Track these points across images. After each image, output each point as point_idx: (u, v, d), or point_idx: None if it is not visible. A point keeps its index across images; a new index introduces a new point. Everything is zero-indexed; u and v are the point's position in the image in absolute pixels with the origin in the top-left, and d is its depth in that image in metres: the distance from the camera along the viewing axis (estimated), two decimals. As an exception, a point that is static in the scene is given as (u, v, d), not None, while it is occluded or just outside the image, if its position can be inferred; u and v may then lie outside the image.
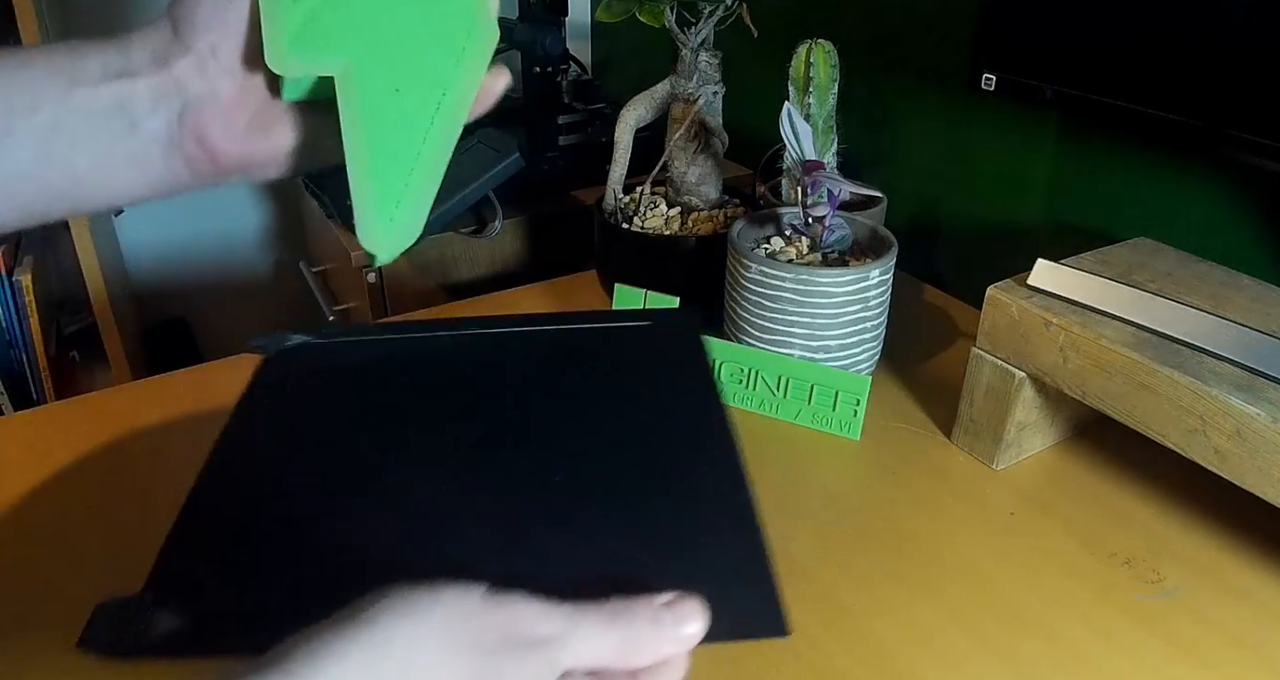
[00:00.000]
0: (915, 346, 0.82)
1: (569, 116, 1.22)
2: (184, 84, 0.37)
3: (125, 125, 0.36)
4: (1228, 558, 0.59)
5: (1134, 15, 0.64)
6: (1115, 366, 0.58)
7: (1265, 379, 0.53)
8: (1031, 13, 0.71)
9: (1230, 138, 0.60)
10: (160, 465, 0.67)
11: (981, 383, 0.66)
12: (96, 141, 0.36)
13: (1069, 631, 0.54)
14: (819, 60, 0.81)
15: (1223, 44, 0.60)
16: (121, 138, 0.37)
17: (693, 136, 0.86)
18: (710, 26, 0.81)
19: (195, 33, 0.36)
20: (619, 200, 0.90)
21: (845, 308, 0.70)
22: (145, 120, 0.37)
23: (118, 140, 0.37)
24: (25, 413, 0.74)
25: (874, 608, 0.55)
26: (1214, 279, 0.65)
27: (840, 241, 0.76)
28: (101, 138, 0.36)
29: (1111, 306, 0.60)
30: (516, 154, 1.01)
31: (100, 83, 0.36)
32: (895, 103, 1.01)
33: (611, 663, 0.34)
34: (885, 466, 0.68)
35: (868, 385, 0.69)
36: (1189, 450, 0.55)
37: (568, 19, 1.19)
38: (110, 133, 0.36)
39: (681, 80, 0.84)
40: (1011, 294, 0.63)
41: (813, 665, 0.52)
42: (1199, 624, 0.54)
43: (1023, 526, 0.62)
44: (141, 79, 0.36)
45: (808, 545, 0.60)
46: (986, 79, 0.74)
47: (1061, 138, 0.85)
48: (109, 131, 0.36)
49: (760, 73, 0.87)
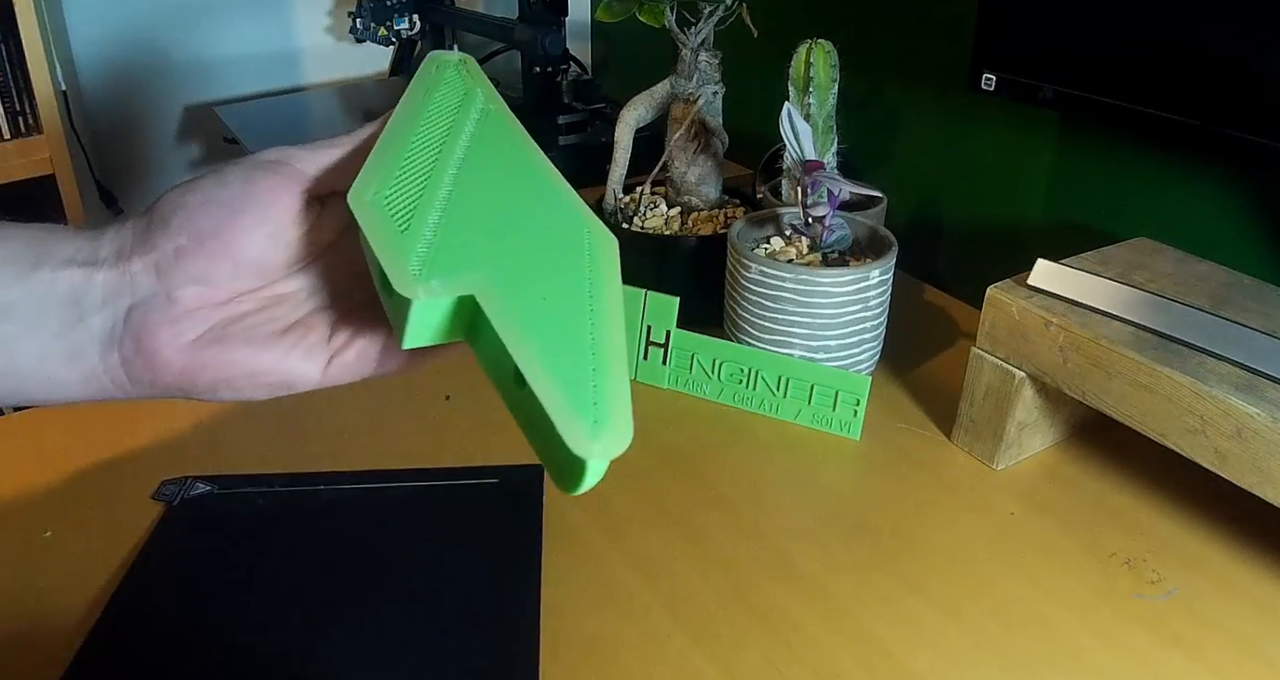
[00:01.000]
0: (915, 346, 0.82)
1: (569, 116, 1.22)
2: (137, 282, 0.35)
3: (74, 317, 0.34)
4: (1228, 558, 0.59)
5: (1134, 15, 0.64)
6: (1115, 366, 0.58)
7: (1265, 379, 0.53)
8: (1031, 13, 0.71)
9: (1230, 138, 0.60)
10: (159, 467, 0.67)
11: (981, 383, 0.66)
12: (43, 331, 0.34)
13: (1069, 631, 0.54)
14: (819, 60, 0.81)
15: (1223, 44, 0.60)
16: (68, 330, 0.34)
17: (693, 136, 0.86)
18: (710, 26, 0.81)
19: (165, 233, 0.35)
20: (619, 200, 0.90)
21: (845, 308, 0.70)
22: (92, 314, 0.34)
23: (64, 332, 0.34)
24: (25, 413, 0.74)
25: (874, 608, 0.55)
26: (1214, 279, 0.65)
27: (840, 241, 0.76)
28: (49, 328, 0.34)
29: (1111, 306, 0.60)
30: (516, 154, 1.01)
31: (61, 268, 0.34)
32: (895, 103, 1.01)
33: None
34: (885, 466, 0.68)
35: (868, 385, 0.69)
36: (1189, 450, 0.55)
37: (568, 19, 1.19)
38: (59, 323, 0.34)
39: (681, 80, 0.84)
40: (1011, 294, 0.63)
41: (813, 665, 0.52)
42: (1199, 624, 0.54)
43: (1023, 526, 0.62)
44: (101, 270, 0.34)
45: (808, 545, 0.60)
46: (986, 79, 0.74)
47: (1061, 138, 0.85)
48: (58, 321, 0.34)
49: (760, 73, 0.87)
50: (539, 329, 0.32)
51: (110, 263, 0.35)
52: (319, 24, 1.56)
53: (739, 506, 0.63)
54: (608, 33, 1.51)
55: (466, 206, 0.36)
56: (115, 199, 1.42)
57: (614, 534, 0.61)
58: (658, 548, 0.60)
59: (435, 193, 0.35)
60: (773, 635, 0.53)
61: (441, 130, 0.40)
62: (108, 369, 0.35)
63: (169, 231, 0.35)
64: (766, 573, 0.58)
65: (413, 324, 0.31)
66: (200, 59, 1.49)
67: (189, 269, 0.35)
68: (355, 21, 1.43)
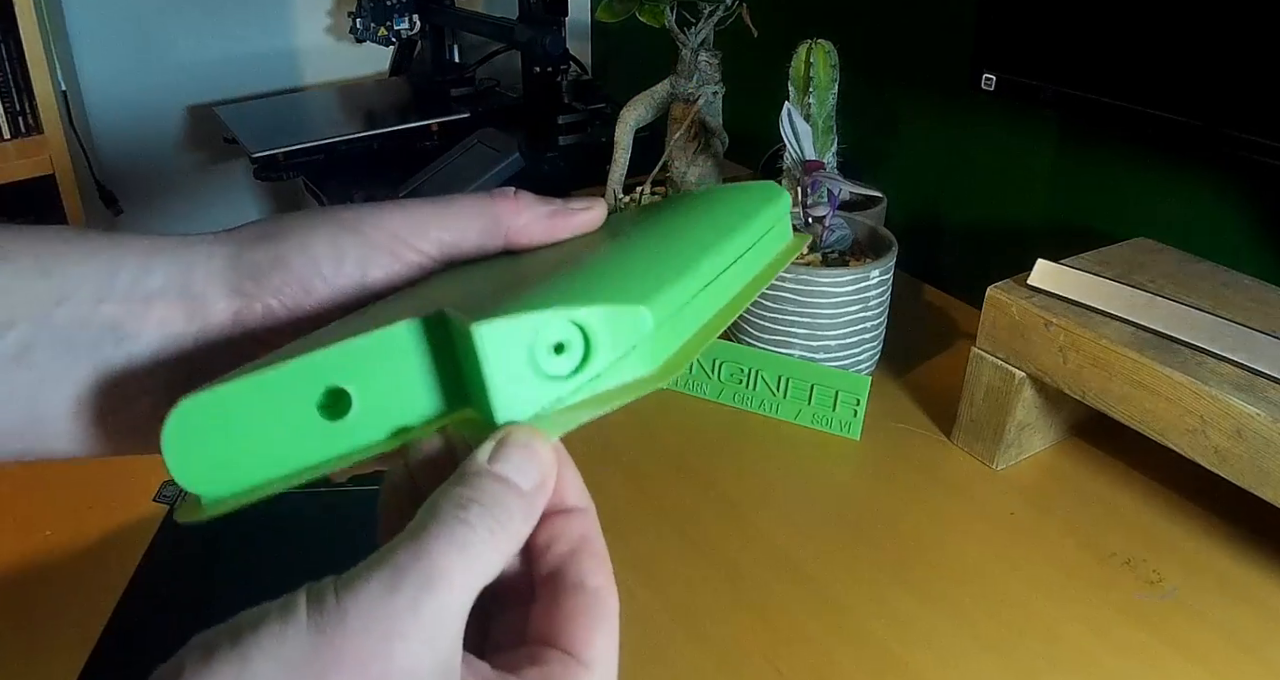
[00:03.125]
0: (915, 346, 0.82)
1: (569, 116, 1.22)
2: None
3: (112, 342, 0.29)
4: (1228, 558, 0.59)
5: (1134, 15, 0.64)
6: (1115, 366, 0.58)
7: (1265, 379, 0.53)
8: (1031, 13, 0.71)
9: (1230, 138, 0.60)
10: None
11: (981, 383, 0.66)
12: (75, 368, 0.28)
13: (1069, 631, 0.54)
14: (819, 60, 0.81)
15: (1223, 44, 0.60)
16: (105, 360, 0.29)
17: (693, 136, 0.86)
18: (710, 26, 0.81)
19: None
20: (619, 200, 0.90)
21: (845, 308, 0.70)
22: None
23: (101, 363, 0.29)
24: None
25: (874, 608, 0.55)
26: (1214, 279, 0.65)
27: (840, 241, 0.76)
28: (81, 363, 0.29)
29: (1111, 306, 0.60)
30: (516, 154, 1.02)
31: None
32: (895, 103, 1.01)
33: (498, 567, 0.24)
34: (885, 466, 0.68)
35: (868, 385, 0.69)
36: (1189, 450, 0.55)
37: (568, 19, 1.19)
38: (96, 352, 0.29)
39: (681, 80, 0.84)
40: (1011, 294, 0.63)
41: (813, 665, 0.52)
42: (1199, 624, 0.54)
43: (1023, 526, 0.62)
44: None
45: (807, 545, 0.60)
46: (986, 79, 0.74)
47: (1061, 138, 0.85)
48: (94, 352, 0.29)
49: (760, 73, 0.87)
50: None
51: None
52: (319, 24, 1.56)
53: (739, 506, 0.63)
54: (608, 33, 1.51)
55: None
56: (115, 199, 1.42)
57: (614, 534, 0.60)
58: (657, 547, 0.60)
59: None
60: (773, 635, 0.53)
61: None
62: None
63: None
64: (766, 573, 0.58)
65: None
66: (200, 59, 1.49)
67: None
68: (355, 21, 1.43)
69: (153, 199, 1.50)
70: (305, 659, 0.21)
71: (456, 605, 0.22)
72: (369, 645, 0.21)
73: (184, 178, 1.55)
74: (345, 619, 0.21)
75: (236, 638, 0.21)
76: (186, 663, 0.21)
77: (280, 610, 0.21)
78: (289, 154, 1.15)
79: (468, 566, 0.22)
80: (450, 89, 1.39)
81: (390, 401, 0.26)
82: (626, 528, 0.61)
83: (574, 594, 0.26)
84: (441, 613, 0.22)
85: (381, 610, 0.21)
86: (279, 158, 1.14)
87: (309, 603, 0.21)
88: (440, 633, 0.22)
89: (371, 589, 0.21)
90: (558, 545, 0.26)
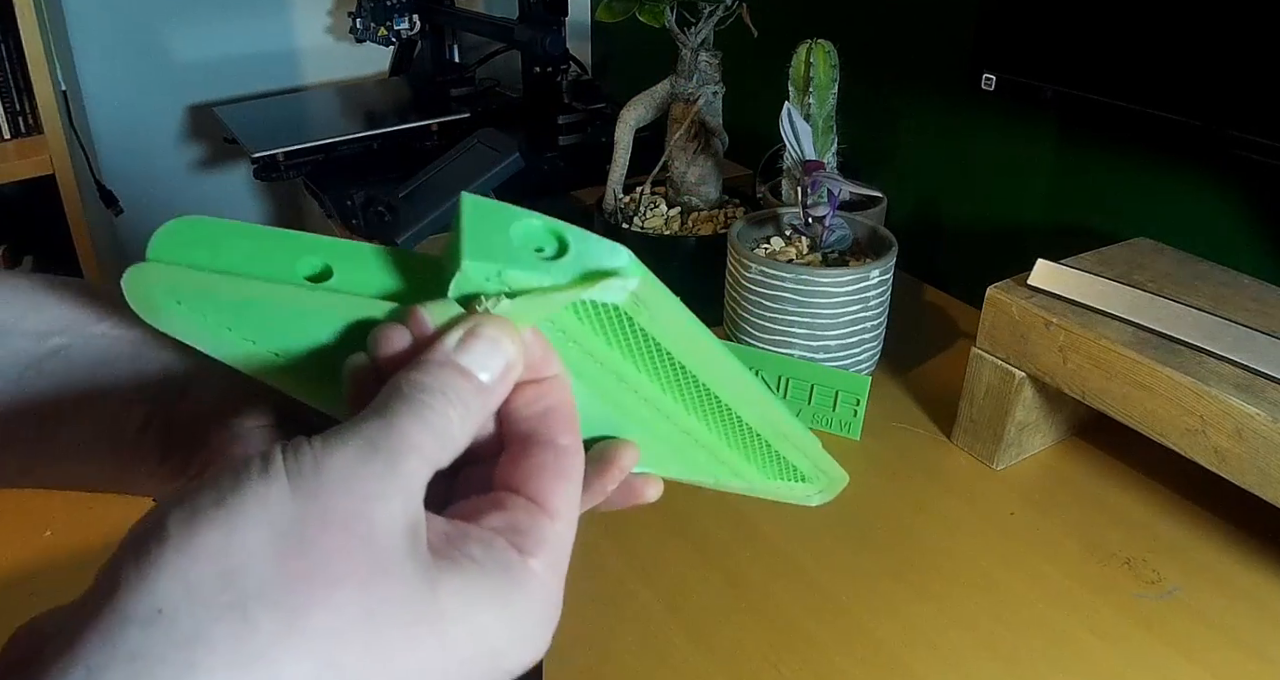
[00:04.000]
0: (915, 346, 0.82)
1: (569, 116, 1.21)
2: None
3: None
4: (1228, 558, 0.59)
5: (1134, 15, 0.64)
6: (1115, 366, 0.58)
7: (1265, 379, 0.53)
8: (1031, 13, 0.71)
9: (1230, 138, 0.60)
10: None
11: (981, 383, 0.66)
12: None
13: (1069, 631, 0.54)
14: (819, 60, 0.81)
15: (1223, 44, 0.60)
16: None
17: (693, 136, 0.86)
18: (710, 26, 0.81)
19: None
20: (619, 200, 0.89)
21: (845, 308, 0.70)
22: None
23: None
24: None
25: (874, 608, 0.55)
26: (1214, 279, 0.65)
27: (840, 241, 0.76)
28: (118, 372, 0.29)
29: (1111, 306, 0.60)
30: (516, 154, 1.01)
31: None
32: (895, 103, 1.01)
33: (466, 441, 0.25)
34: (885, 466, 0.68)
35: (868, 385, 0.69)
36: (1189, 450, 0.55)
37: (568, 19, 1.19)
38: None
39: (681, 80, 0.84)
40: (1011, 294, 0.63)
41: (813, 665, 0.52)
42: (1199, 624, 0.54)
43: (1023, 526, 0.62)
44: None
45: (808, 545, 0.60)
46: (986, 79, 0.74)
47: (1061, 138, 0.85)
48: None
49: (760, 73, 0.87)
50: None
51: None
52: (319, 24, 1.56)
53: (738, 507, 0.63)
54: (608, 33, 1.51)
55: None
56: (115, 199, 1.42)
57: (614, 534, 0.60)
58: (658, 548, 0.60)
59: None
60: (773, 635, 0.53)
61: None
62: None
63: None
64: (766, 573, 0.58)
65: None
66: (200, 59, 1.49)
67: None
68: (355, 21, 1.43)
69: (153, 199, 1.50)
70: (290, 522, 0.21)
71: (423, 473, 0.23)
72: (351, 506, 0.21)
73: (184, 178, 1.55)
74: (326, 482, 0.21)
75: (219, 500, 0.21)
76: (169, 524, 0.20)
77: (260, 471, 0.21)
78: (289, 154, 1.15)
79: (434, 441, 0.23)
80: (450, 89, 1.39)
81: (368, 284, 0.27)
82: (627, 529, 0.61)
83: (544, 449, 0.26)
84: (412, 477, 0.22)
85: (359, 473, 0.22)
86: (279, 158, 1.15)
87: (286, 463, 0.21)
88: (412, 496, 0.22)
89: (348, 453, 0.22)
90: (530, 408, 0.27)
